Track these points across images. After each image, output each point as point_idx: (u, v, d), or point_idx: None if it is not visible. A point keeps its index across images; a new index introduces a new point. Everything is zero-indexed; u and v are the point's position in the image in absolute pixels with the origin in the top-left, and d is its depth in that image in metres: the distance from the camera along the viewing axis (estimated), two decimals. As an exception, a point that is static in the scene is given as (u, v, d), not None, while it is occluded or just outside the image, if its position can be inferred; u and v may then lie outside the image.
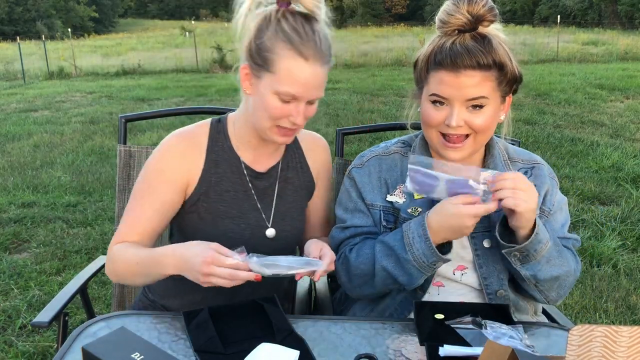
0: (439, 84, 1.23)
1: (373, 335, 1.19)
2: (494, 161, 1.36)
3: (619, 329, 0.84)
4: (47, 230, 4.09)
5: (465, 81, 1.20)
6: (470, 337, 1.14)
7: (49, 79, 15.17)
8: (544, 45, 18.18)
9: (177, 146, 1.36)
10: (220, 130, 1.41)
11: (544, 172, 1.38)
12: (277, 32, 1.21)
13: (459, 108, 1.23)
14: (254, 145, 1.40)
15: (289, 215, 1.42)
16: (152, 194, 1.34)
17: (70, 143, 6.94)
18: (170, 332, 1.19)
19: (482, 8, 1.20)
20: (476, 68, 1.20)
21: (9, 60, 17.59)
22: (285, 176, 1.45)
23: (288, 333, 1.16)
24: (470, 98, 1.21)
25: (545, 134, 6.74)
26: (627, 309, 2.90)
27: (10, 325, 2.82)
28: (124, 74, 15.80)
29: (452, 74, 1.21)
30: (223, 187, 1.38)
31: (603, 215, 4.13)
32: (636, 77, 11.54)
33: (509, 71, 1.23)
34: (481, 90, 1.21)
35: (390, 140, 1.46)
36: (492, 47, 1.20)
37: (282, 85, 1.21)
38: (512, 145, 1.44)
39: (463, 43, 1.21)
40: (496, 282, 1.32)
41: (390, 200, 1.37)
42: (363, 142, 6.30)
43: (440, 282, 1.36)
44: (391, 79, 12.77)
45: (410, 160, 1.21)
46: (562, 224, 1.38)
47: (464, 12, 1.20)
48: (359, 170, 1.42)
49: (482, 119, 1.23)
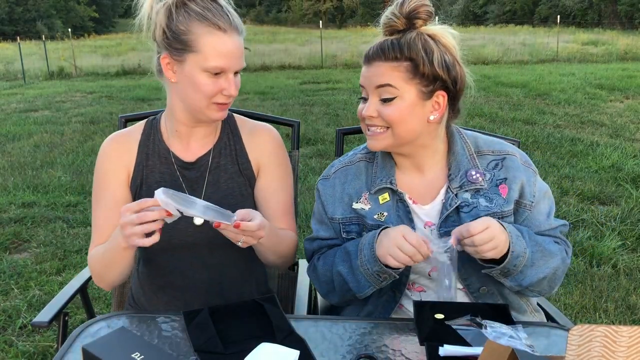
0: (361, 77, 1.32)
1: (373, 336, 1.19)
2: (457, 159, 1.34)
3: (619, 328, 0.84)
4: (48, 230, 4.09)
5: (374, 70, 1.27)
6: (470, 337, 1.14)
7: (49, 79, 15.18)
8: (544, 45, 18.18)
9: (111, 146, 1.45)
10: (154, 125, 1.46)
11: (516, 163, 1.34)
12: (189, 14, 1.26)
13: (372, 98, 1.28)
14: (184, 135, 1.43)
15: (225, 202, 1.36)
16: (104, 195, 1.42)
17: (71, 143, 6.95)
18: (170, 332, 1.19)
19: (413, 4, 1.26)
20: (382, 59, 1.26)
21: (9, 60, 17.62)
22: (217, 163, 1.45)
23: (288, 333, 1.16)
24: (378, 85, 1.26)
25: (545, 134, 6.74)
26: (627, 308, 2.90)
27: (10, 325, 2.82)
28: (124, 74, 15.82)
29: (366, 66, 1.30)
30: (153, 179, 1.42)
31: (603, 215, 4.13)
32: (636, 77, 11.54)
33: (422, 66, 1.24)
34: (387, 79, 1.25)
35: (358, 147, 1.49)
36: (408, 42, 1.25)
37: (209, 61, 1.26)
38: (484, 136, 1.42)
39: (387, 39, 1.27)
40: (476, 280, 1.32)
41: (356, 208, 1.38)
42: (363, 142, 6.28)
43: (421, 287, 1.37)
44: (391, 79, 12.75)
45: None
46: (547, 213, 1.35)
47: (396, 12, 1.27)
48: (325, 183, 1.45)
49: (392, 110, 1.26)
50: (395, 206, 1.35)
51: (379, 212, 1.35)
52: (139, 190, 1.42)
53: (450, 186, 1.33)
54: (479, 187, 1.31)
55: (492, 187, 1.32)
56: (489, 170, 1.34)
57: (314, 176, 5.25)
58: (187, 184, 1.43)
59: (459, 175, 1.33)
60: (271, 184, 1.49)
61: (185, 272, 1.45)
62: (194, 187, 1.43)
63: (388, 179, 1.36)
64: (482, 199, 1.31)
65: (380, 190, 1.37)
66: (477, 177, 1.32)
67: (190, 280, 1.45)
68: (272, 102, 9.82)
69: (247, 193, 1.47)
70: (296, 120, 1.82)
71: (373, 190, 1.37)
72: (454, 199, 1.32)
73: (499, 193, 1.32)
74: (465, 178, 1.32)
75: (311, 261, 1.45)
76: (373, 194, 1.37)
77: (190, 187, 1.43)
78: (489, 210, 1.30)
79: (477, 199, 1.31)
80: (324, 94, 10.63)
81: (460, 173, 1.33)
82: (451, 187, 1.33)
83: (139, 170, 1.42)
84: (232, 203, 1.41)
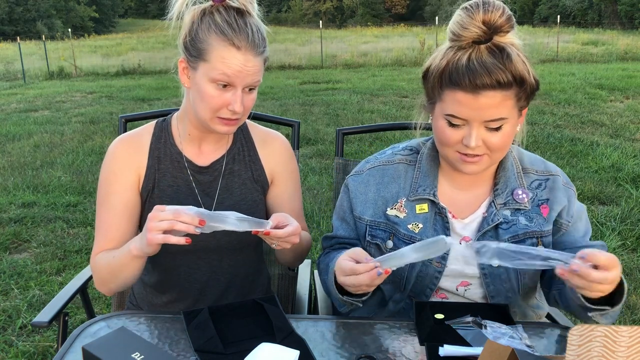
0: (456, 105, 1.14)
1: (373, 335, 1.19)
2: (506, 175, 1.29)
3: (619, 329, 0.84)
4: (48, 230, 4.09)
5: (485, 102, 1.12)
6: (470, 337, 1.14)
7: (49, 79, 15.18)
8: (544, 45, 18.17)
9: (121, 148, 1.40)
10: (164, 128, 1.44)
11: (559, 184, 1.30)
12: (211, 25, 1.25)
13: (477, 129, 1.15)
14: (196, 138, 1.41)
15: (237, 208, 1.36)
16: (111, 198, 1.38)
17: (71, 143, 6.95)
18: (170, 332, 1.19)
19: (499, 18, 1.11)
20: (496, 88, 1.11)
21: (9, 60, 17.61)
22: (230, 169, 1.44)
23: (288, 333, 1.16)
24: (490, 119, 1.14)
25: (545, 134, 6.74)
26: (627, 309, 2.90)
27: (10, 325, 2.82)
28: (124, 74, 15.81)
29: (471, 95, 1.12)
30: (166, 183, 1.40)
31: (603, 215, 4.13)
32: (636, 77, 11.54)
33: (528, 85, 1.15)
34: (501, 112, 1.13)
35: (397, 145, 1.40)
36: (511, 61, 1.11)
37: (215, 71, 1.24)
38: (527, 153, 1.37)
39: (480, 59, 1.11)
40: (504, 299, 1.30)
41: (389, 215, 1.32)
42: (363, 142, 6.31)
43: (444, 295, 1.35)
44: (391, 79, 12.76)
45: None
46: (584, 232, 1.31)
47: (479, 24, 1.11)
48: (356, 178, 1.38)
49: (500, 138, 1.16)
50: (433, 219, 1.30)
51: (415, 222, 1.30)
52: (151, 194, 1.40)
53: (494, 201, 1.28)
54: (522, 208, 1.28)
55: (534, 207, 1.29)
56: (532, 190, 1.30)
57: (314, 176, 5.25)
58: (200, 188, 1.41)
59: (506, 192, 1.28)
60: (285, 191, 1.50)
61: (191, 275, 1.45)
62: (206, 191, 1.42)
63: (431, 190, 1.30)
64: (522, 218, 1.28)
65: (420, 200, 1.31)
66: (522, 197, 1.28)
67: (195, 283, 1.45)
68: (272, 102, 9.82)
69: (259, 199, 1.47)
70: (296, 120, 1.83)
71: (412, 198, 1.31)
72: (497, 214, 1.27)
73: (540, 213, 1.28)
74: (511, 196, 1.28)
75: (318, 257, 1.42)
76: (411, 201, 1.31)
77: (203, 191, 1.42)
78: (528, 229, 1.27)
79: (517, 217, 1.28)
80: (324, 94, 10.62)
81: (507, 190, 1.28)
82: (495, 203, 1.28)
83: (151, 174, 1.40)
84: (244, 209, 1.40)
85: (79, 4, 53.00)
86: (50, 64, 16.23)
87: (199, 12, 1.27)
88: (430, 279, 1.31)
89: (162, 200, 1.38)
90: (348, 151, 5.84)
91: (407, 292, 1.34)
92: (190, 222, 1.10)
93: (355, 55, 17.26)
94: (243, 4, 1.26)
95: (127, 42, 28.36)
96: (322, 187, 4.93)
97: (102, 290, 1.38)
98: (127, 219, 1.38)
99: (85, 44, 27.84)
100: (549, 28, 24.37)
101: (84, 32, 40.98)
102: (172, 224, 1.10)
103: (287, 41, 24.97)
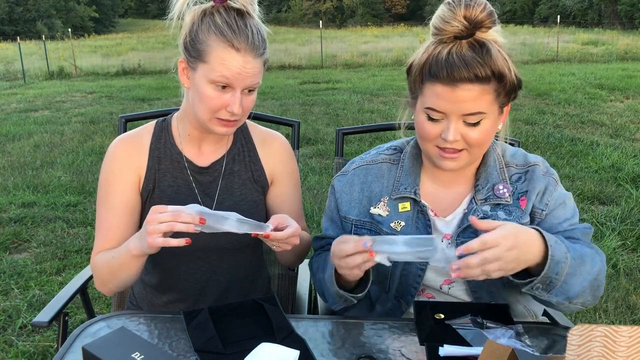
0: (435, 98, 1.16)
1: (373, 335, 1.19)
2: (487, 171, 1.29)
3: (619, 328, 0.84)
4: (48, 230, 4.09)
5: (463, 95, 1.13)
6: (470, 337, 1.14)
7: (49, 79, 15.18)
8: (544, 45, 18.18)
9: (121, 148, 1.40)
10: (164, 128, 1.44)
11: (538, 174, 1.29)
12: (210, 26, 1.24)
13: (456, 122, 1.16)
14: (196, 139, 1.41)
15: (237, 209, 1.35)
16: (111, 198, 1.37)
17: (71, 143, 6.95)
18: (170, 332, 1.19)
19: (480, 13, 1.12)
20: (474, 81, 1.12)
21: (9, 60, 17.61)
22: (230, 169, 1.44)
23: (288, 333, 1.16)
24: (467, 113, 1.14)
25: (545, 134, 6.74)
26: (627, 308, 2.90)
27: (10, 325, 2.82)
28: (124, 74, 15.81)
29: (449, 87, 1.13)
30: (166, 183, 1.40)
31: (603, 215, 4.13)
32: (636, 77, 11.54)
33: (508, 81, 1.15)
34: (479, 106, 1.14)
35: (382, 146, 1.42)
36: (490, 56, 1.12)
37: (214, 73, 1.24)
38: (511, 147, 1.37)
39: (460, 53, 1.12)
40: (486, 295, 1.30)
41: (373, 213, 1.33)
42: (363, 142, 6.31)
43: (430, 294, 1.35)
44: (391, 79, 12.76)
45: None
46: (565, 219, 1.27)
47: (460, 18, 1.12)
48: (342, 179, 1.39)
49: (479, 133, 1.17)
50: (415, 217, 1.30)
51: (397, 220, 1.31)
52: (151, 194, 1.40)
53: (475, 197, 1.29)
54: (502, 202, 1.28)
55: (514, 200, 1.28)
56: (512, 183, 1.30)
57: (314, 176, 5.25)
58: (200, 188, 1.41)
59: (486, 188, 1.28)
60: (285, 192, 1.50)
61: (191, 275, 1.45)
62: (206, 191, 1.42)
63: (412, 188, 1.31)
64: (501, 212, 1.27)
65: (402, 199, 1.32)
66: (503, 192, 1.27)
67: (195, 283, 1.45)
68: (272, 102, 9.82)
69: (259, 200, 1.47)
70: (296, 120, 1.83)
71: (394, 197, 1.32)
72: (476, 210, 1.27)
73: (519, 205, 1.28)
74: (492, 192, 1.28)
75: (311, 259, 1.43)
76: (393, 200, 1.32)
77: (203, 192, 1.42)
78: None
79: (496, 212, 1.28)
80: (324, 94, 10.62)
81: (487, 185, 1.29)
82: (476, 198, 1.28)
83: (151, 174, 1.40)
84: (244, 209, 1.41)
85: (79, 4, 52.99)
86: (50, 64, 16.23)
87: (200, 13, 1.26)
88: (414, 277, 1.31)
89: (163, 201, 1.38)
90: (348, 151, 5.84)
91: (392, 292, 1.35)
92: (190, 221, 1.11)
93: (355, 55, 17.26)
94: (244, 5, 1.26)
95: (127, 42, 28.36)
96: (322, 187, 4.93)
97: (102, 290, 1.38)
98: (127, 219, 1.38)
99: (85, 44, 27.84)
100: (549, 28, 24.39)
101: (84, 32, 40.97)
102: (172, 225, 1.11)
103: (287, 41, 24.97)
